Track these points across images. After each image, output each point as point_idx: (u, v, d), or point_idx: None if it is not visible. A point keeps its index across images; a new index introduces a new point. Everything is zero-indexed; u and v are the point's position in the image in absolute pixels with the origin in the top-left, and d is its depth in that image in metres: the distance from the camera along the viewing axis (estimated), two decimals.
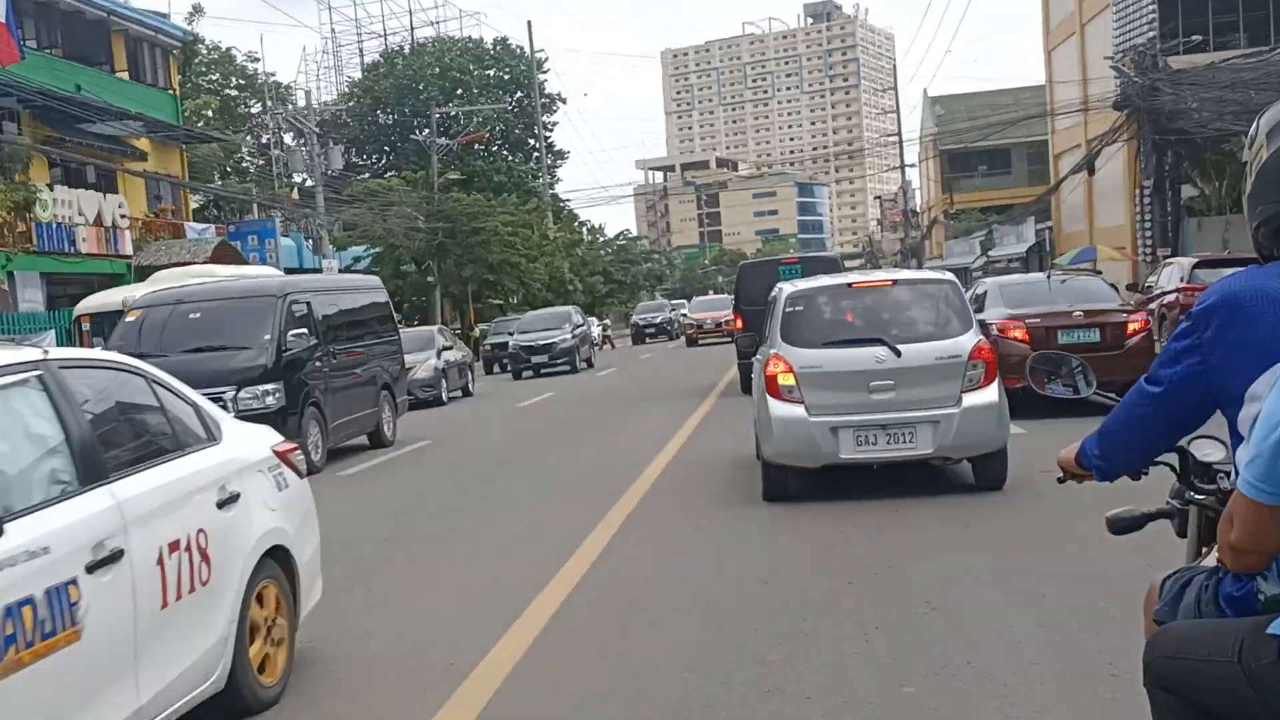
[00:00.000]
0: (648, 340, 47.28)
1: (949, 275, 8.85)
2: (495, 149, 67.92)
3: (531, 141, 66.06)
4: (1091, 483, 2.61)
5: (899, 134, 67.11)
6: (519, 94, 67.51)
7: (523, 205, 50.14)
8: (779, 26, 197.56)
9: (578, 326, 30.50)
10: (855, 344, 7.95)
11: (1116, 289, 13.87)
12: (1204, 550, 2.43)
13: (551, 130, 72.91)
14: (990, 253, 41.24)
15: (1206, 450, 2.53)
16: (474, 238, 41.11)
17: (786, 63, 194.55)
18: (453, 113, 65.64)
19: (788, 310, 8.36)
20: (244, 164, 48.93)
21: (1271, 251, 2.15)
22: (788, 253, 56.84)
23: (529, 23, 62.72)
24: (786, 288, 8.78)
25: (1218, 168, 27.82)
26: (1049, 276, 13.55)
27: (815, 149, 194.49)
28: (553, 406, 19.45)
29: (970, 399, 7.74)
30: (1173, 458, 2.52)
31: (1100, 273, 30.13)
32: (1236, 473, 2.05)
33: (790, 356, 8.00)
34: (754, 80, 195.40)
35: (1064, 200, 37.55)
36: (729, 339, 26.85)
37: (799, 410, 7.83)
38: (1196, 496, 2.50)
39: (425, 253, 40.17)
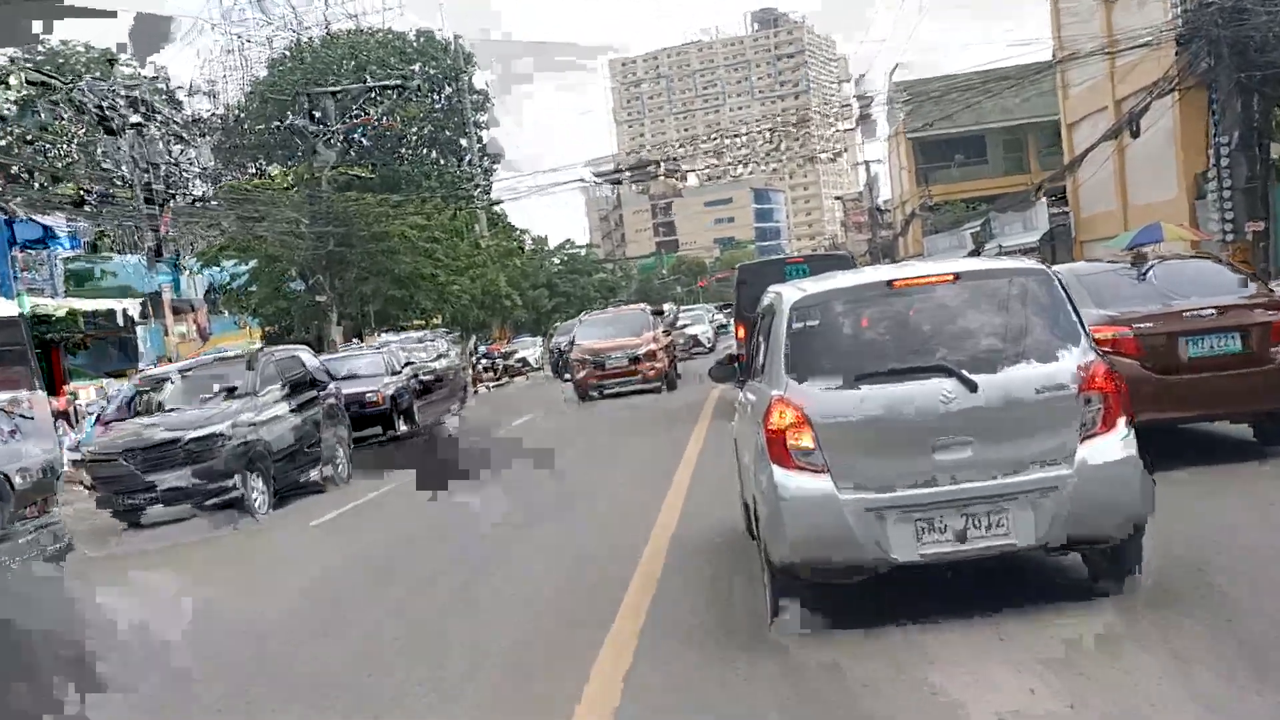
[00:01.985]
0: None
1: (1037, 264, 5.75)
2: (422, 150, 60.68)
3: (464, 143, 58.90)
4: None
5: (858, 124, 60.61)
6: (447, 90, 60.06)
7: (448, 210, 42.43)
8: (726, 34, 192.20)
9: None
10: (906, 376, 5.01)
11: (1243, 272, 9.61)
12: None
13: (484, 129, 65.82)
14: (1000, 243, 34.06)
15: None
16: (377, 245, 33.38)
17: (736, 69, 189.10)
18: (376, 112, 58.40)
19: (795, 328, 5.28)
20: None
21: None
22: (756, 259, 51.26)
23: (440, 4, 55.04)
24: (788, 293, 5.52)
25: None
26: (1136, 262, 9.34)
27: (768, 152, 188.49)
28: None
29: (1090, 451, 4.93)
30: None
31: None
32: None
33: (805, 401, 5.07)
34: (704, 88, 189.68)
35: (1083, 179, 30.32)
36: (658, 383, 22.31)
37: (823, 484, 4.97)
38: None
39: (314, 265, 32.33)
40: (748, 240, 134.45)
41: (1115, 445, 5.01)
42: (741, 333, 15.11)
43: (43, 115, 29.80)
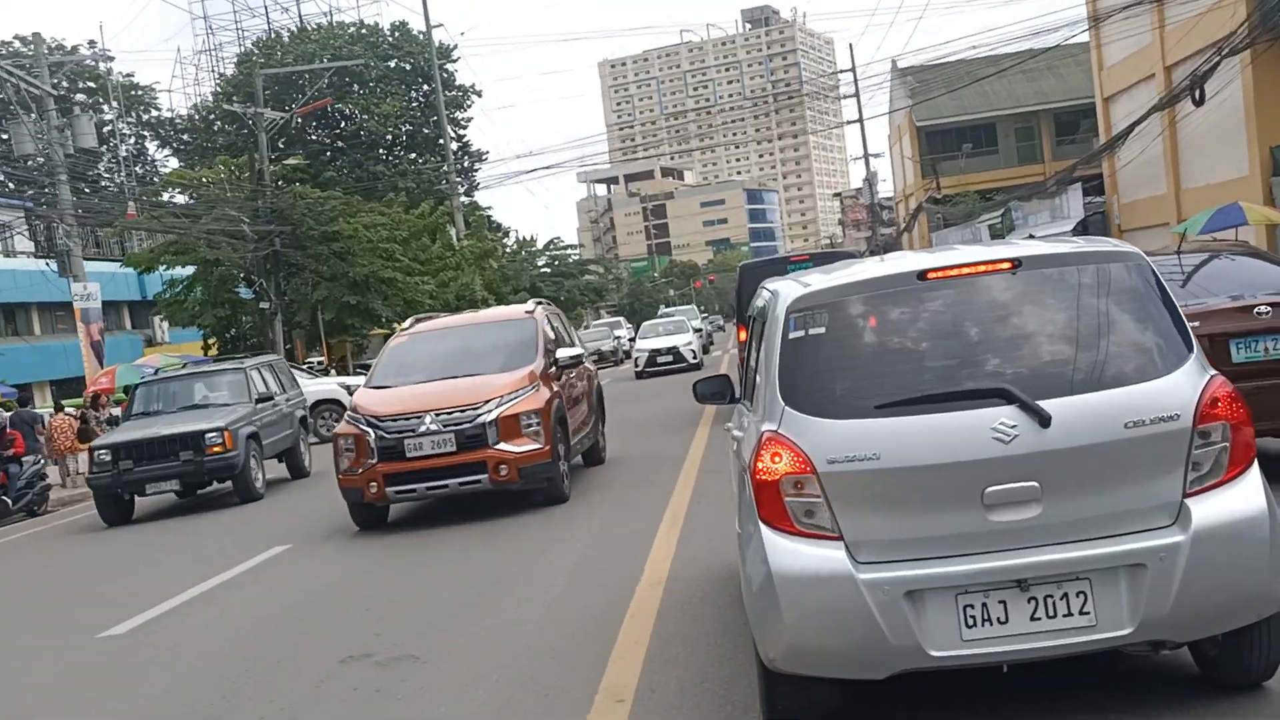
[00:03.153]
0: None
1: (1127, 245, 3.98)
2: (399, 151, 57.07)
3: (444, 142, 55.30)
4: None
5: (859, 117, 57.16)
6: (425, 86, 56.51)
7: (418, 209, 38.62)
8: (717, 34, 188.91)
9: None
10: (949, 404, 3.51)
11: None
12: None
13: (465, 127, 62.16)
14: (1031, 233, 30.17)
15: None
16: (329, 246, 29.59)
17: (727, 69, 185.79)
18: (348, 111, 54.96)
19: (792, 337, 3.79)
20: None
21: None
22: (750, 259, 47.21)
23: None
24: (785, 290, 4.02)
25: None
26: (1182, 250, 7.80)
27: (761, 155, 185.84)
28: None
29: (1209, 508, 3.44)
30: None
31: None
32: None
33: (807, 440, 3.58)
34: (695, 89, 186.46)
35: (1122, 160, 26.46)
36: (533, 483, 9.69)
37: (832, 554, 3.52)
38: None
39: (258, 268, 28.49)
40: (742, 241, 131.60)
41: (1245, 498, 3.48)
42: (743, 335, 12.07)
43: None
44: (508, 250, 50.79)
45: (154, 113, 58.21)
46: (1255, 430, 3.71)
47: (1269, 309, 6.80)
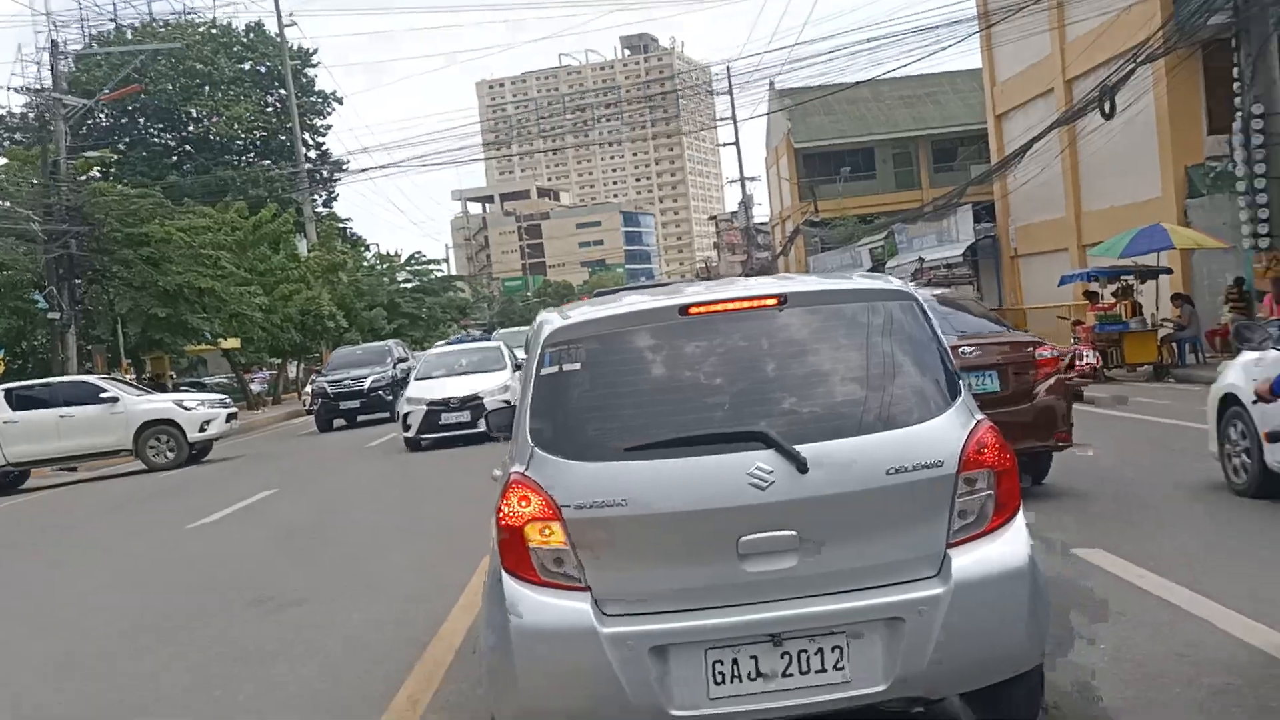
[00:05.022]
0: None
1: (899, 284, 3.92)
2: (250, 157, 52.64)
3: (304, 151, 51.23)
4: None
5: (736, 140, 55.25)
6: (282, 91, 52.24)
7: (263, 212, 34.45)
8: (596, 59, 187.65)
9: None
10: (703, 448, 3.33)
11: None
12: None
13: (324, 134, 57.97)
14: (922, 256, 27.91)
15: None
16: (136, 250, 25.41)
17: (605, 93, 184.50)
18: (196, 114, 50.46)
19: (545, 373, 3.57)
20: None
21: None
22: (624, 283, 44.27)
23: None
24: (549, 323, 3.78)
25: None
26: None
27: (638, 179, 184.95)
28: None
29: (970, 560, 3.32)
30: None
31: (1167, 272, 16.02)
32: None
33: (554, 483, 3.37)
34: (573, 111, 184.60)
35: (1016, 181, 24.51)
36: None
37: (576, 606, 3.30)
38: None
39: (50, 273, 24.12)
40: (617, 263, 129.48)
41: (1007, 548, 3.35)
42: None
43: None
44: (365, 264, 46.74)
45: None
46: None
47: (973, 350, 7.64)
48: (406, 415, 16.49)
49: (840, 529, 3.28)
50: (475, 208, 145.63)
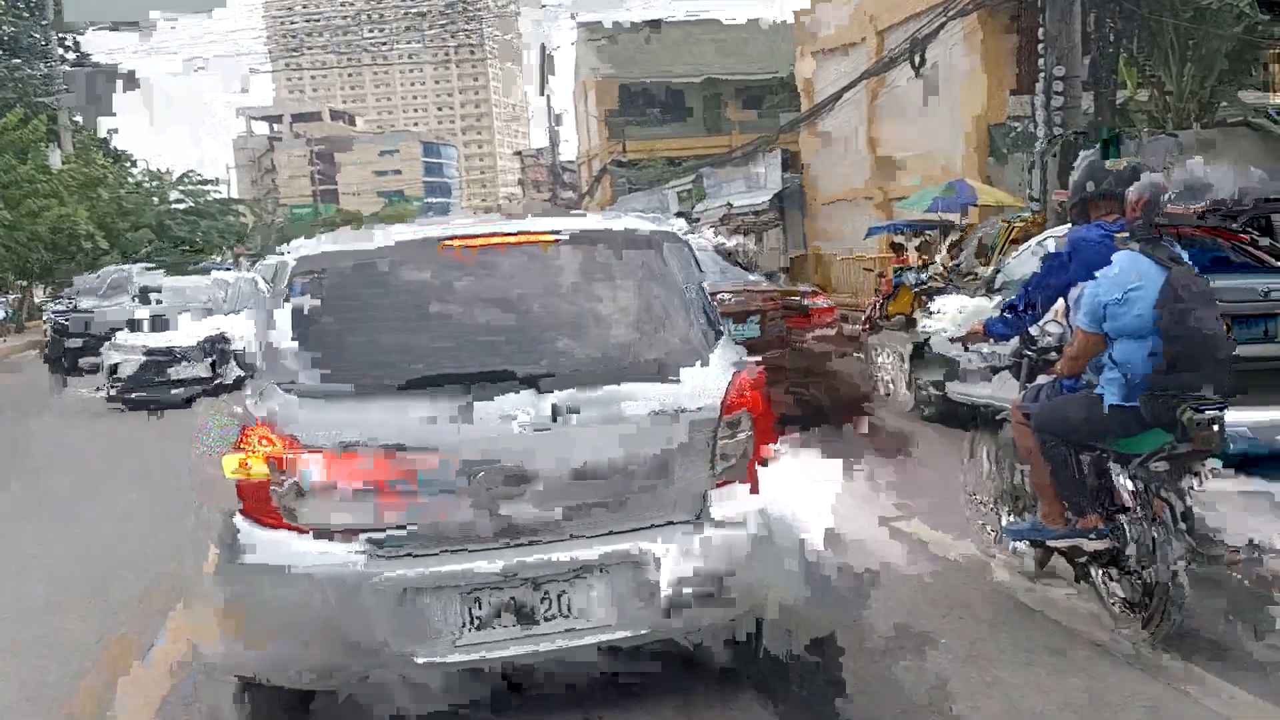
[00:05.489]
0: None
1: (671, 225, 3.89)
2: None
3: (61, 52, 46.12)
4: None
5: (542, 72, 53.57)
6: None
7: (4, 119, 30.42)
8: None
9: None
10: (457, 387, 3.22)
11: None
12: (1026, 383, 4.66)
13: (83, 34, 52.27)
14: (731, 202, 27.53)
15: (1035, 331, 4.65)
16: None
17: (405, 15, 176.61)
18: None
19: (291, 304, 3.42)
20: None
21: (1078, 220, 4.47)
22: (425, 218, 41.60)
23: None
24: (299, 249, 3.66)
25: (1181, 44, 15.36)
26: None
27: (440, 109, 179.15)
28: None
29: (729, 503, 3.34)
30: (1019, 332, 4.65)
31: (955, 230, 16.08)
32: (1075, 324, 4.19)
33: (295, 422, 3.21)
34: (369, 32, 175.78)
35: (819, 130, 24.50)
36: None
37: (319, 549, 3.17)
38: (1027, 353, 4.70)
39: None
40: (416, 195, 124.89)
41: (768, 491, 3.37)
42: None
43: None
44: (131, 180, 42.48)
45: None
46: None
47: (729, 297, 8.06)
48: (116, 366, 13.05)
49: (598, 472, 3.20)
50: (261, 127, 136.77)
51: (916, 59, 18.47)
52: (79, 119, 44.30)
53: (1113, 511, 4.09)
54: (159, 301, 14.12)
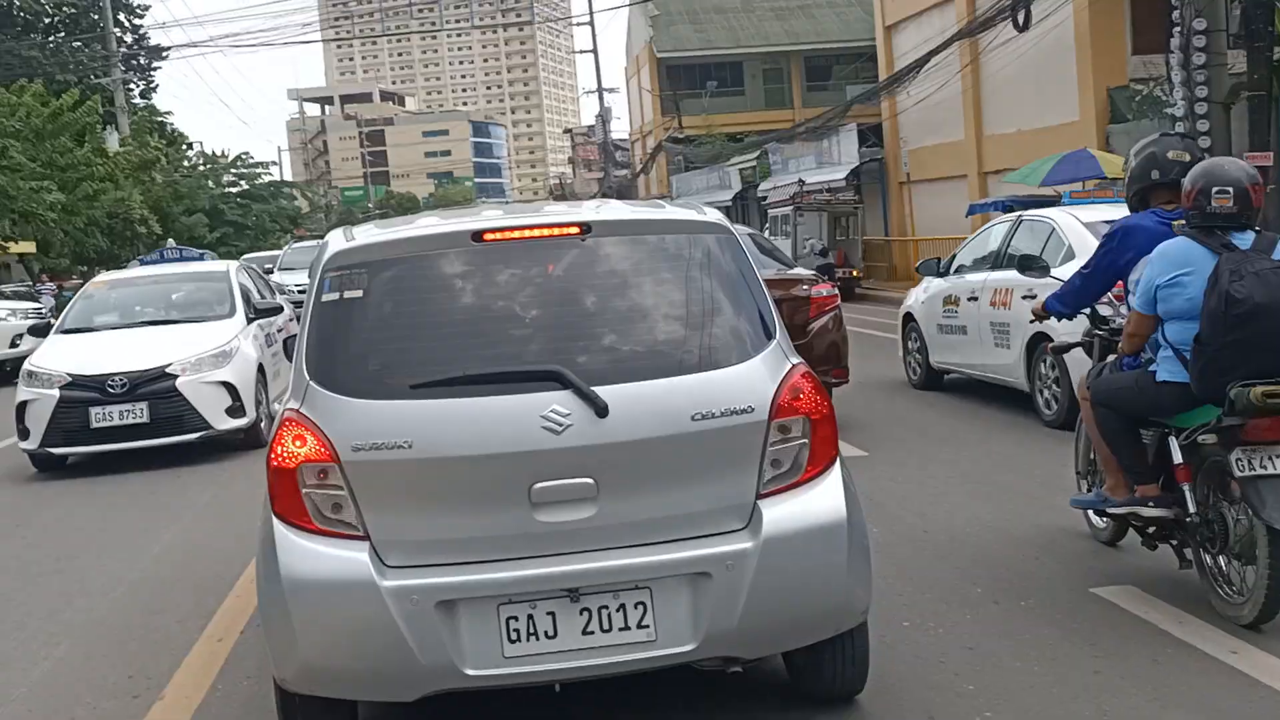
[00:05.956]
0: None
1: (717, 217, 3.57)
2: (59, 37, 46.66)
3: (118, 33, 45.94)
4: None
5: (594, 45, 52.27)
6: None
7: (61, 100, 29.71)
8: None
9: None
10: (494, 387, 3.10)
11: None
12: (1096, 361, 4.85)
13: (142, 15, 51.99)
14: (802, 179, 25.98)
15: (1102, 309, 5.01)
16: None
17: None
18: None
19: (325, 300, 3.30)
20: None
21: (1137, 207, 4.67)
22: (473, 199, 39.90)
23: None
24: (332, 244, 3.52)
25: None
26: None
27: (489, 87, 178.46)
28: None
29: (782, 513, 3.15)
30: (1087, 310, 4.91)
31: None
32: (1129, 306, 4.39)
33: (330, 421, 3.09)
34: (420, 11, 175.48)
35: (904, 101, 22.87)
36: None
37: (353, 556, 3.04)
38: (1098, 332, 4.90)
39: None
40: (466, 175, 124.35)
41: (823, 500, 3.18)
42: None
43: None
44: (187, 164, 41.91)
45: None
46: None
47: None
48: (25, 408, 8.71)
49: (641, 477, 3.09)
50: (313, 109, 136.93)
51: (1019, 18, 16.94)
52: (136, 100, 44.09)
53: (1171, 483, 4.28)
54: (138, 309, 10.01)
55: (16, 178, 23.27)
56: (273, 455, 3.11)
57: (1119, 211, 8.23)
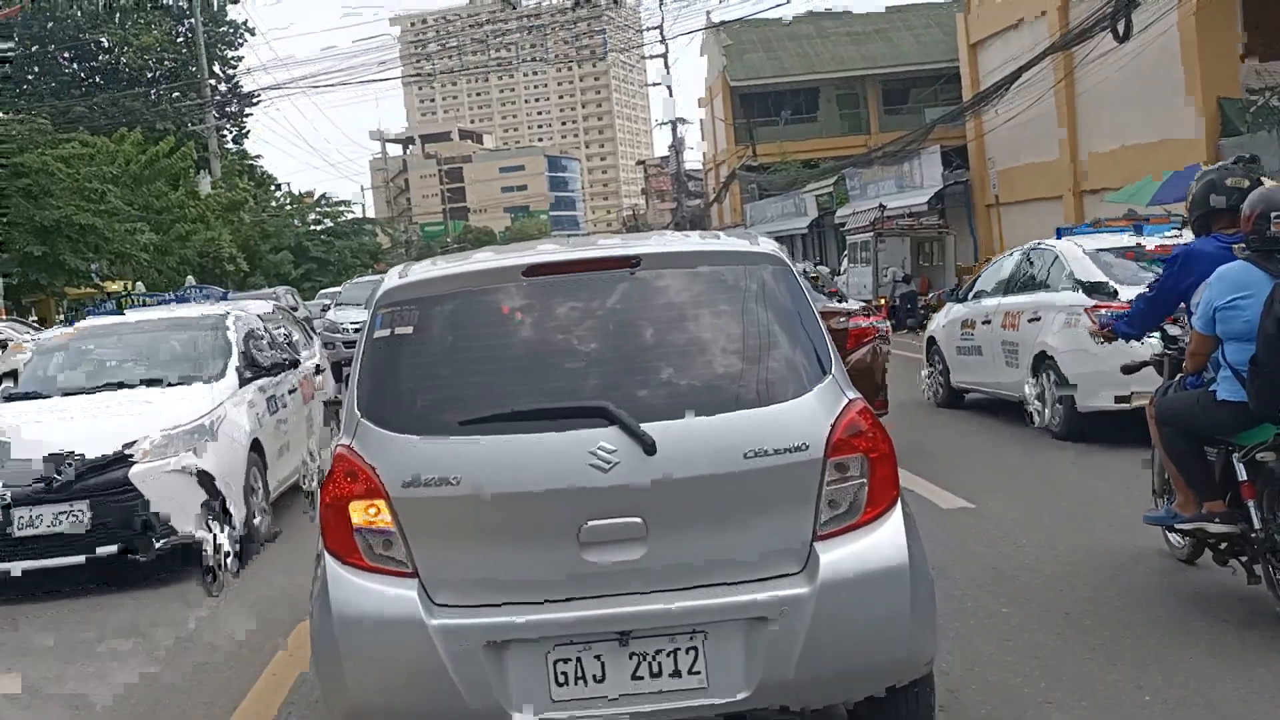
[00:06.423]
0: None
1: (770, 246, 3.49)
2: (160, 89, 48.61)
3: (213, 83, 47.73)
4: None
5: (665, 63, 52.32)
6: (191, 20, 48.67)
7: (160, 144, 30.58)
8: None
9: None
10: (542, 424, 3.05)
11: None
12: (1168, 378, 4.97)
13: (234, 66, 53.74)
14: (883, 203, 25.29)
15: (1171, 329, 5.08)
16: (13, 182, 22.00)
17: (530, 32, 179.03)
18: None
19: (377, 337, 3.32)
20: None
21: (1200, 232, 4.83)
22: (548, 232, 40.67)
23: None
24: (386, 281, 3.55)
25: None
26: None
27: (564, 122, 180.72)
28: None
29: (840, 556, 3.03)
30: (1158, 330, 5.04)
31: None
32: (1192, 326, 4.52)
33: (380, 458, 3.10)
34: (497, 50, 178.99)
35: (991, 121, 22.12)
36: None
37: (402, 594, 3.02)
38: (1168, 351, 5.05)
39: None
40: (541, 209, 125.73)
41: (883, 544, 3.04)
42: None
43: None
44: (275, 204, 42.84)
45: None
46: None
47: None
48: None
49: (692, 517, 3.00)
50: (395, 149, 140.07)
51: (1120, 26, 16.18)
52: (229, 145, 45.43)
53: (1238, 500, 4.33)
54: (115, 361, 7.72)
55: (113, 220, 23.88)
56: (325, 492, 3.14)
57: (1125, 239, 8.69)
